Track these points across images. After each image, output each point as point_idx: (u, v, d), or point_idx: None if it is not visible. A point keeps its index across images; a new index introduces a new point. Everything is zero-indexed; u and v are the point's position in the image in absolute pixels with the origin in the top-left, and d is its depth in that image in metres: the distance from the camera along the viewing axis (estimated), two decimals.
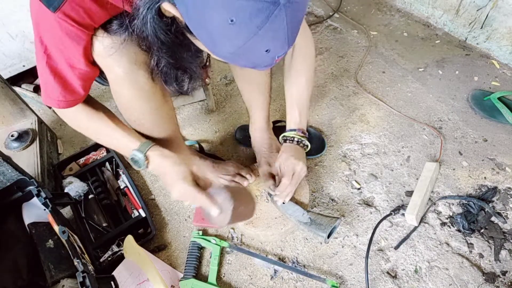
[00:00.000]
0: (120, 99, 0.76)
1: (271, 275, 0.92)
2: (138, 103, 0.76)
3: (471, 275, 0.88)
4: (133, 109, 0.78)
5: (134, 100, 0.75)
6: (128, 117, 0.81)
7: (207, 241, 0.95)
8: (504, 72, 1.31)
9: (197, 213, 1.03)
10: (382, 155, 1.13)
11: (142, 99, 0.76)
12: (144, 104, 0.77)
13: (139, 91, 0.74)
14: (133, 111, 0.78)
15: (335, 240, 0.97)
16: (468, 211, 0.97)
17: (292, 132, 0.96)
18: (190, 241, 0.96)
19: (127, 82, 0.71)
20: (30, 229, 0.85)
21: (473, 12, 1.34)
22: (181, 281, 0.90)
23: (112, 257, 0.94)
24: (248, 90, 1.00)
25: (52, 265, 0.79)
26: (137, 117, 0.80)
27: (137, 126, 0.85)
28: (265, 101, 1.02)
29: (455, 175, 1.06)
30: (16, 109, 1.15)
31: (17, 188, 0.89)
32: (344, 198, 1.05)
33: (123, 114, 0.81)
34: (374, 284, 0.88)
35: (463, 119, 1.19)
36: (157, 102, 0.80)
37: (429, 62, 1.39)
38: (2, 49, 1.14)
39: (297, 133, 0.95)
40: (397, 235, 0.96)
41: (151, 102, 0.78)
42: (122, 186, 1.09)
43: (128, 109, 0.79)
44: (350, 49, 1.48)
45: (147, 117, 0.81)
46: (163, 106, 0.83)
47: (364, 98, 1.29)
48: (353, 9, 1.69)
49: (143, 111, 0.79)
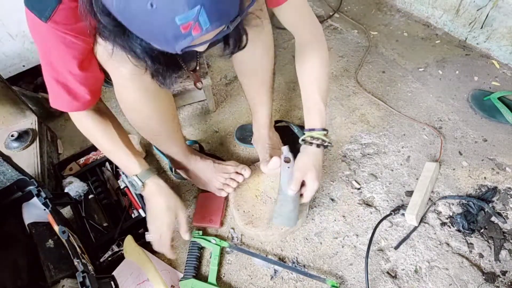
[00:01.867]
0: (126, 100, 0.77)
1: (271, 275, 0.92)
2: (143, 104, 0.77)
3: (471, 275, 0.88)
4: (138, 110, 0.79)
5: (139, 101, 0.76)
6: (132, 118, 0.82)
7: (207, 241, 0.95)
8: (504, 72, 1.31)
9: (197, 213, 1.03)
10: (382, 155, 1.13)
11: (148, 99, 0.76)
12: (150, 104, 0.78)
13: (145, 92, 0.74)
14: (138, 112, 0.79)
15: (335, 240, 0.97)
16: (468, 211, 0.98)
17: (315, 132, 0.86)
18: (190, 241, 0.96)
19: (132, 83, 0.71)
20: (30, 229, 0.85)
21: (473, 12, 1.34)
22: (181, 281, 0.90)
23: (112, 257, 0.94)
24: (252, 87, 0.98)
25: (52, 265, 0.79)
26: (142, 118, 0.81)
27: (142, 127, 0.86)
28: (269, 98, 0.99)
29: (455, 175, 1.06)
30: (16, 109, 1.15)
31: (17, 188, 0.89)
32: (344, 198, 1.05)
33: (127, 115, 0.81)
34: (374, 284, 0.89)
35: (463, 119, 1.19)
36: (162, 102, 0.81)
37: (429, 62, 1.39)
38: (2, 49, 1.14)
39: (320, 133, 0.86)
40: (397, 235, 0.96)
41: (156, 102, 0.79)
42: (122, 186, 1.09)
43: (133, 111, 0.80)
44: (350, 49, 1.48)
45: (152, 118, 0.82)
46: (168, 106, 0.84)
47: (364, 98, 1.29)
48: (353, 9, 1.69)
49: (148, 112, 0.80)
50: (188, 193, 1.10)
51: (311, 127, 0.86)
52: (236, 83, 1.40)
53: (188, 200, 1.09)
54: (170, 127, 0.89)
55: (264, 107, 1.00)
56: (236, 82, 1.40)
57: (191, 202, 1.08)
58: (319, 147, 0.85)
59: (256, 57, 0.86)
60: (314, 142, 0.85)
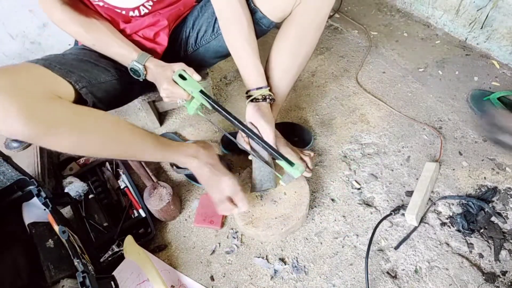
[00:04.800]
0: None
1: (271, 275, 0.92)
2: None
3: (471, 275, 0.88)
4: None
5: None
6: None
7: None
8: (504, 72, 1.31)
9: (198, 214, 1.03)
10: (382, 155, 1.13)
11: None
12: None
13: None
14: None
15: (335, 240, 0.97)
16: (468, 211, 0.97)
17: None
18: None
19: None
20: (30, 229, 0.85)
21: (473, 12, 1.34)
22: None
23: (112, 257, 0.94)
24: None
25: (52, 265, 0.79)
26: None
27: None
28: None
29: (455, 175, 1.06)
30: None
31: (17, 188, 0.89)
32: (344, 198, 1.05)
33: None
34: (374, 284, 0.89)
35: (463, 119, 1.19)
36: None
37: (429, 62, 1.39)
38: (2, 49, 1.14)
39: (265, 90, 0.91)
40: (397, 235, 0.96)
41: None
42: (122, 186, 1.09)
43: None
44: (351, 49, 1.48)
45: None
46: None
47: (364, 98, 1.29)
48: (354, 9, 1.69)
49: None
50: (188, 193, 1.10)
51: (258, 86, 0.91)
52: (236, 83, 1.40)
53: (188, 200, 1.09)
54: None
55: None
56: (236, 82, 1.40)
57: (191, 202, 1.08)
58: (266, 100, 0.92)
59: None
60: (265, 99, 0.91)
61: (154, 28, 0.90)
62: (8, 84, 0.56)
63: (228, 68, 1.45)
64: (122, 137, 0.72)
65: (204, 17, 0.95)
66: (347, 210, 1.02)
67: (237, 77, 1.41)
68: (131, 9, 0.85)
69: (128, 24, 0.88)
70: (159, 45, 0.92)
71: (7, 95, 0.55)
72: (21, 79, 0.60)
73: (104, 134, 0.69)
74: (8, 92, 0.55)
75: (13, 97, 0.55)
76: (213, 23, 0.94)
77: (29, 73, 0.65)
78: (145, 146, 0.76)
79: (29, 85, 0.59)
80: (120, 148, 0.73)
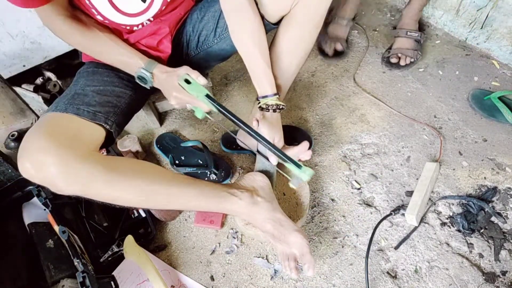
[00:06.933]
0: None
1: (271, 275, 0.92)
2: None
3: (471, 275, 0.88)
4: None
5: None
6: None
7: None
8: (504, 72, 1.31)
9: (199, 214, 1.03)
10: (382, 155, 1.13)
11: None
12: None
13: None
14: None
15: (335, 240, 0.97)
16: (468, 211, 0.98)
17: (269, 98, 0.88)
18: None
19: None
20: (30, 229, 0.85)
21: (473, 12, 1.34)
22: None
23: (112, 257, 0.94)
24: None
25: (52, 265, 0.79)
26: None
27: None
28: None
29: (455, 175, 1.06)
30: (16, 109, 1.15)
31: (17, 188, 0.89)
32: (344, 198, 1.05)
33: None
34: (374, 284, 0.89)
35: (463, 119, 1.19)
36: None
37: (429, 62, 1.39)
38: (2, 49, 1.14)
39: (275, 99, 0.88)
40: (397, 235, 0.96)
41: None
42: None
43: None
44: (350, 49, 1.48)
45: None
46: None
47: (364, 98, 1.29)
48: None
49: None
50: None
51: (264, 94, 0.88)
52: (236, 83, 1.40)
53: None
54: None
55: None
56: (236, 82, 1.40)
57: None
58: (275, 111, 0.89)
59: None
60: (270, 108, 0.89)
61: (157, 37, 0.89)
62: (48, 146, 0.62)
63: (228, 68, 1.45)
64: (159, 189, 0.73)
65: (204, 21, 0.94)
66: (347, 210, 1.02)
67: (237, 77, 1.41)
68: (135, 25, 0.85)
69: (131, 34, 0.88)
70: (163, 53, 0.92)
71: (48, 156, 0.62)
72: (59, 138, 0.65)
73: (139, 189, 0.71)
74: (48, 154, 0.62)
75: (54, 157, 0.62)
76: (214, 27, 0.93)
77: (65, 129, 0.70)
78: (186, 194, 0.76)
79: (66, 145, 0.64)
80: (159, 200, 0.74)
